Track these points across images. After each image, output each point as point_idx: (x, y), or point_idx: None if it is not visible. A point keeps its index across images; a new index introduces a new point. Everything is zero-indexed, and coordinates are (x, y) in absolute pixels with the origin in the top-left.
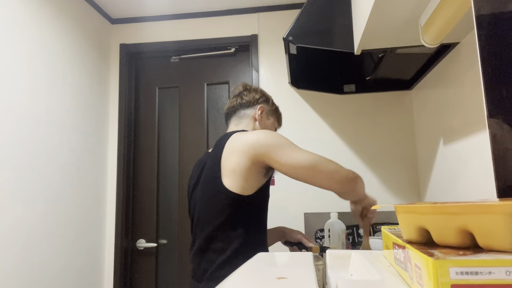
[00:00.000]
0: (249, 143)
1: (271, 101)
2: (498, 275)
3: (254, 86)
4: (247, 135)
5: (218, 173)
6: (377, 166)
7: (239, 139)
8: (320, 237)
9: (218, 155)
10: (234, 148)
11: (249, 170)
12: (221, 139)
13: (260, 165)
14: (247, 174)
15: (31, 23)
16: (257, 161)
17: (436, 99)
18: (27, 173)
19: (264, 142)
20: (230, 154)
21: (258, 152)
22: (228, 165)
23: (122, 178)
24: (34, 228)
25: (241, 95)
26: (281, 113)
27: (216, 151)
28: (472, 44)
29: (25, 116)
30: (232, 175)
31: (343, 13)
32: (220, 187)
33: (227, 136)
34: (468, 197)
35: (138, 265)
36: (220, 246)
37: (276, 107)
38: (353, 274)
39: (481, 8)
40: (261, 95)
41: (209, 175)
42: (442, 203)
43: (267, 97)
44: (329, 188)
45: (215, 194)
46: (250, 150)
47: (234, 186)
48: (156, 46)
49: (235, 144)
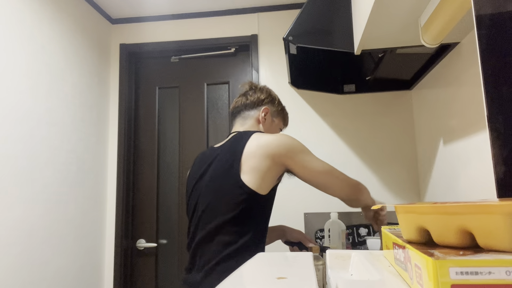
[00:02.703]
0: (273, 145)
1: (277, 101)
2: (498, 275)
3: (260, 86)
4: (271, 136)
5: (238, 169)
6: (377, 166)
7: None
8: (320, 237)
9: (238, 151)
10: (257, 148)
11: (269, 171)
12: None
13: (280, 167)
14: (266, 174)
15: (31, 23)
16: (279, 163)
17: (436, 99)
18: (27, 173)
19: (288, 146)
20: (253, 153)
21: (283, 155)
22: (250, 163)
23: (122, 178)
24: (34, 228)
25: (246, 95)
26: (287, 113)
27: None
28: (472, 44)
29: (25, 116)
30: (252, 172)
31: (343, 13)
32: (239, 182)
33: (247, 135)
34: (468, 197)
35: (138, 265)
36: (228, 239)
37: (282, 107)
38: (353, 274)
39: (481, 8)
40: (266, 95)
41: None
42: (442, 203)
43: (273, 97)
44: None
45: (232, 188)
46: (275, 151)
47: (252, 184)
48: (156, 46)
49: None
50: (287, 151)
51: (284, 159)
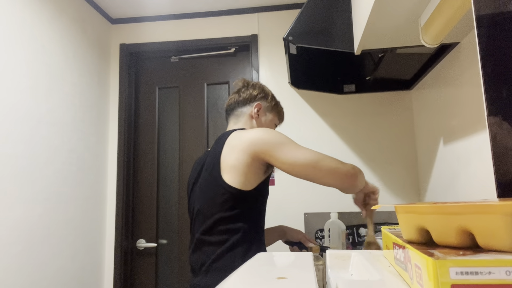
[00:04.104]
0: (249, 141)
1: (270, 97)
2: (498, 275)
3: (253, 82)
4: (247, 132)
5: (218, 169)
6: (377, 166)
7: (239, 137)
8: (320, 237)
9: (218, 152)
10: (234, 145)
11: (249, 167)
12: (220, 137)
13: (260, 162)
14: (247, 171)
15: (31, 23)
16: (257, 158)
17: (436, 99)
18: (27, 173)
19: (264, 140)
20: (230, 151)
21: (259, 150)
22: (228, 161)
23: (122, 178)
24: (34, 228)
25: (239, 92)
26: (282, 108)
27: (216, 149)
28: (472, 44)
29: (25, 116)
30: (232, 170)
31: (343, 13)
32: (220, 182)
33: (226, 134)
34: (468, 197)
35: (138, 265)
36: (218, 239)
37: (276, 102)
38: (353, 274)
39: (481, 8)
40: (259, 91)
41: (208, 171)
42: (442, 203)
43: (266, 93)
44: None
45: (215, 188)
46: (250, 147)
47: (234, 181)
48: (156, 46)
49: (235, 142)
50: (263, 145)
51: (261, 154)
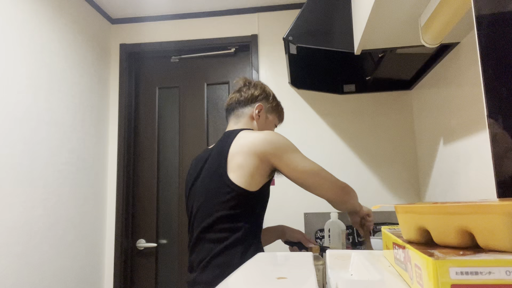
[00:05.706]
0: (259, 143)
1: (272, 97)
2: (498, 275)
3: (254, 81)
4: (257, 134)
5: (225, 168)
6: (377, 166)
7: (249, 137)
8: (320, 237)
9: (225, 150)
10: (243, 146)
11: (257, 169)
12: (227, 135)
13: (267, 165)
14: (254, 172)
15: (31, 23)
16: (265, 161)
17: (436, 99)
18: (27, 173)
19: (276, 145)
20: (238, 151)
21: (268, 153)
22: (236, 161)
23: (122, 178)
24: (34, 228)
25: (240, 91)
26: (282, 109)
27: (222, 147)
28: (472, 44)
29: (25, 116)
30: (239, 170)
31: (343, 13)
32: (226, 180)
33: (234, 133)
34: (468, 197)
35: (138, 265)
36: (219, 236)
37: (277, 103)
38: (353, 274)
39: (481, 8)
40: (261, 91)
41: (213, 169)
42: (442, 203)
43: (267, 93)
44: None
45: (220, 186)
46: (261, 149)
47: (240, 181)
48: (156, 46)
49: (244, 142)
50: (273, 149)
51: (270, 157)
